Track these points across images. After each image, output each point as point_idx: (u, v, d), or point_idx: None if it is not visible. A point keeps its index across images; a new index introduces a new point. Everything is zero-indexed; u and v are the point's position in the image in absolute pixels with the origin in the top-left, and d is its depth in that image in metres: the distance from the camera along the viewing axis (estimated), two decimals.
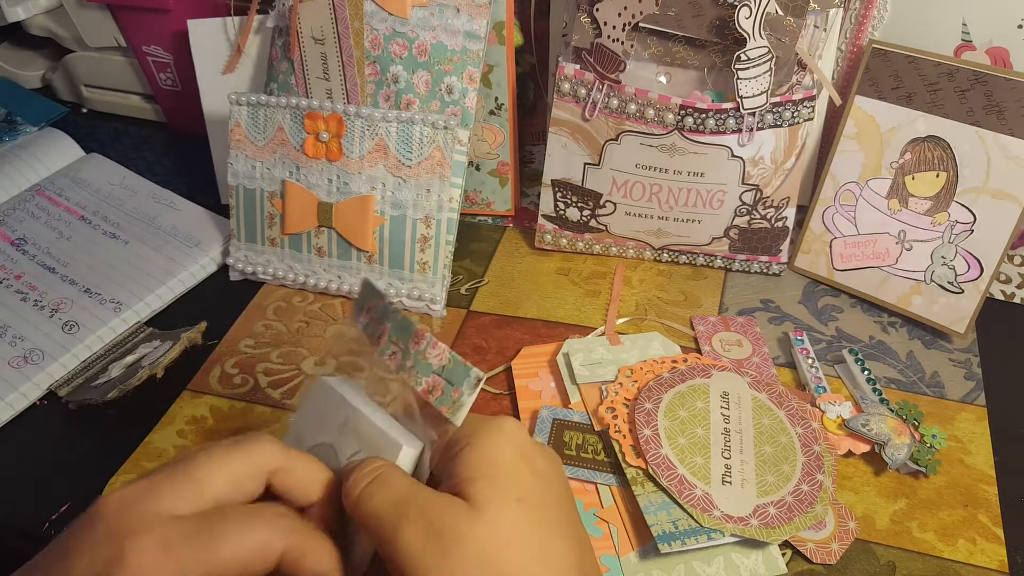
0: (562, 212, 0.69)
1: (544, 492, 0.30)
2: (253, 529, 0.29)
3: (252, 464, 0.32)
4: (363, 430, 0.37)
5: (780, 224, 0.67)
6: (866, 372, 0.59)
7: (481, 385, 0.34)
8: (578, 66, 0.63)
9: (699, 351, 0.62)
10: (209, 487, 0.30)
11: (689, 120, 0.61)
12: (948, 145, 0.61)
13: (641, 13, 0.59)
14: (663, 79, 0.65)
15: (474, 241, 0.74)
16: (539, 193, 0.69)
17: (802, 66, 0.62)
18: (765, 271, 0.70)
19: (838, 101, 0.63)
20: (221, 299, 0.69)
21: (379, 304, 0.38)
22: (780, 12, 0.58)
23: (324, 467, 0.35)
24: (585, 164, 0.66)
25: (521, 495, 0.29)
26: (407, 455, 0.35)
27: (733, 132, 0.62)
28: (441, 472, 0.32)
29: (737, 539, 0.48)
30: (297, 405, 0.41)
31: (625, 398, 0.55)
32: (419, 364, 0.36)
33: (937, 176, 0.62)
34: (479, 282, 0.70)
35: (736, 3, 0.58)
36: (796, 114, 0.62)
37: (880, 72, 0.63)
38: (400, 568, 0.28)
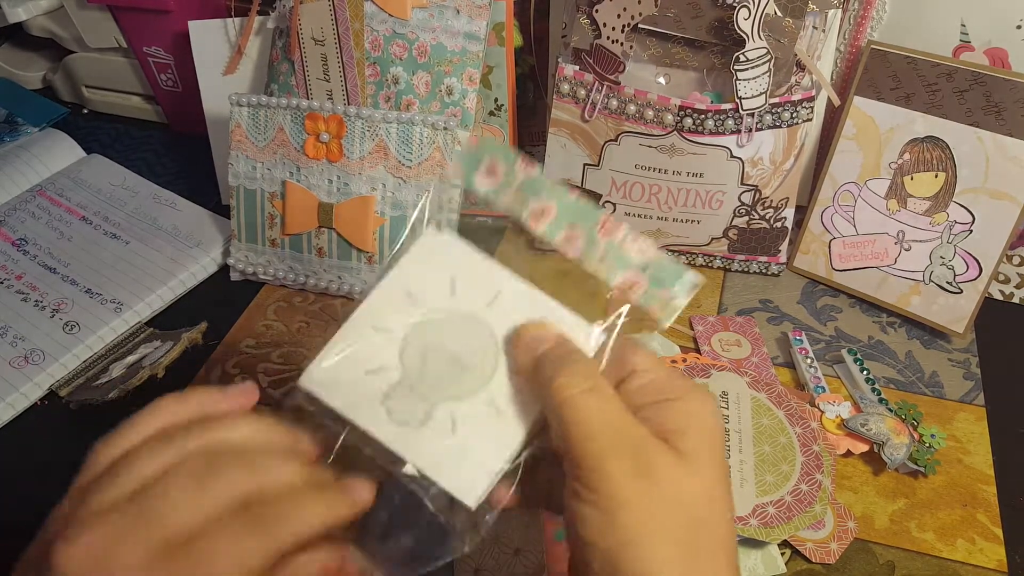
0: None
1: (725, 466, 0.30)
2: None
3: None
4: (533, 309, 0.32)
5: (779, 224, 0.67)
6: (865, 372, 0.59)
7: (697, 290, 0.31)
8: (577, 67, 0.63)
9: (698, 351, 0.62)
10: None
11: (688, 121, 0.62)
12: (947, 145, 0.61)
13: (640, 14, 0.59)
14: (662, 80, 0.65)
15: (474, 241, 0.74)
16: None
17: (801, 67, 0.62)
18: (764, 271, 0.70)
19: (837, 102, 0.63)
20: (222, 299, 0.69)
21: (513, 169, 0.33)
22: (779, 13, 0.59)
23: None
24: (585, 165, 0.66)
25: (722, 461, 0.30)
26: (594, 341, 0.32)
27: (732, 133, 0.62)
28: (638, 413, 0.30)
29: (736, 539, 0.48)
30: (401, 253, 0.34)
31: None
32: (614, 256, 0.31)
33: (936, 176, 0.62)
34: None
35: (735, 4, 0.58)
36: (795, 115, 0.62)
37: (879, 73, 0.63)
38: (597, 491, 0.28)
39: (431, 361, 0.33)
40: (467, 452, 0.32)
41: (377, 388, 0.33)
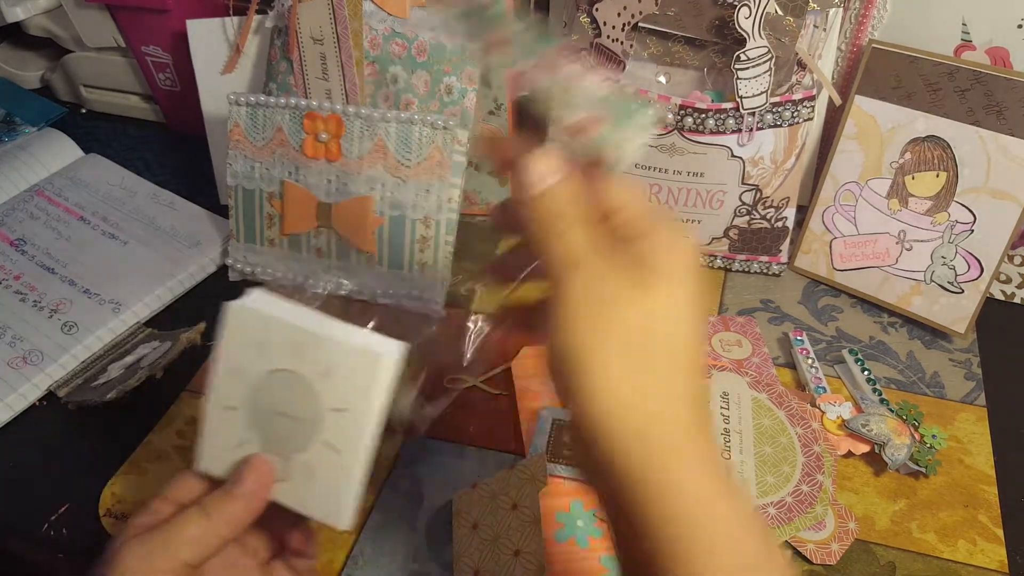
0: None
1: (700, 302, 0.31)
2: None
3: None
4: (327, 349, 0.36)
5: (780, 224, 0.67)
6: (866, 372, 0.59)
7: (657, 127, 0.30)
8: None
9: None
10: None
11: (689, 120, 0.61)
12: (948, 145, 0.61)
13: (641, 13, 0.59)
14: (663, 79, 0.64)
15: (474, 241, 0.74)
16: None
17: (802, 66, 0.62)
18: (765, 271, 0.70)
19: (838, 101, 0.63)
20: (220, 300, 0.68)
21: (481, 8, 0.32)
22: (780, 12, 0.58)
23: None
24: None
25: (692, 291, 0.30)
26: (392, 361, 0.36)
27: (733, 132, 0.62)
28: (612, 244, 0.31)
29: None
30: (218, 338, 0.38)
31: None
32: (560, 94, 0.31)
33: (937, 176, 0.62)
34: (479, 282, 0.70)
35: (736, 3, 0.58)
36: (796, 114, 0.62)
37: (880, 72, 0.63)
38: (555, 311, 0.30)
39: (271, 423, 0.38)
40: (327, 491, 0.38)
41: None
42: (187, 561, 0.36)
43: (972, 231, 0.61)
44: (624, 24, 0.60)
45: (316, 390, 0.37)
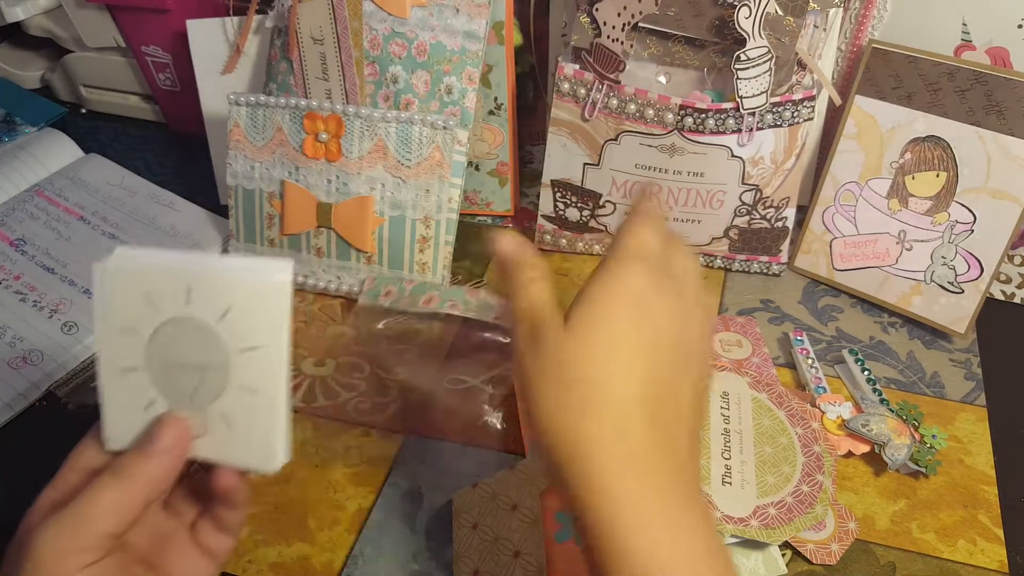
0: (562, 212, 0.69)
1: (650, 339, 0.33)
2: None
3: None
4: (218, 286, 0.34)
5: (780, 224, 0.67)
6: (866, 372, 0.59)
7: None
8: (578, 66, 0.62)
9: None
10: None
11: (689, 120, 0.61)
12: (948, 145, 0.61)
13: (641, 13, 0.59)
14: (663, 79, 0.64)
15: (473, 241, 0.74)
16: (539, 193, 0.69)
17: (802, 66, 0.62)
18: (765, 271, 0.70)
19: (838, 101, 0.63)
20: None
21: (402, 287, 0.39)
22: (780, 12, 0.58)
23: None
24: (585, 164, 0.66)
25: (616, 331, 0.33)
26: (286, 281, 0.34)
27: (733, 132, 0.62)
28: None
29: (737, 540, 0.48)
30: (96, 302, 0.35)
31: None
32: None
33: (937, 176, 0.62)
34: (479, 282, 0.70)
35: (736, 3, 0.58)
36: (796, 114, 0.62)
37: (880, 72, 0.63)
38: (514, 353, 0.35)
39: (176, 377, 0.36)
40: (251, 435, 0.36)
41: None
42: (108, 532, 0.33)
43: (972, 231, 0.61)
44: (624, 24, 0.60)
45: (217, 332, 0.35)
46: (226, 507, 0.38)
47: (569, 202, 0.68)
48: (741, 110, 0.61)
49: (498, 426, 0.57)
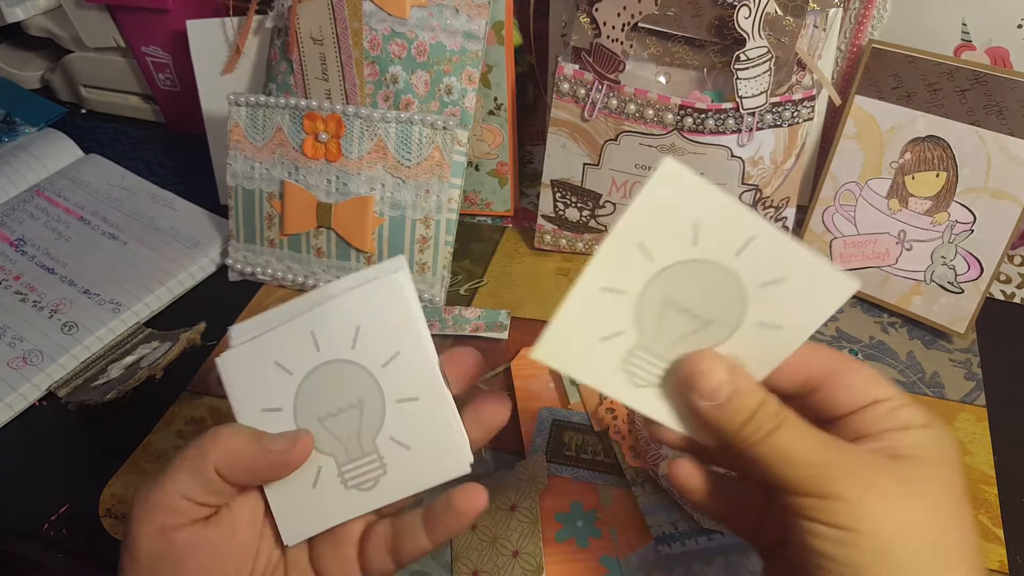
0: (561, 212, 0.69)
1: (965, 513, 0.29)
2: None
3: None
4: (782, 254, 0.29)
5: (780, 224, 0.67)
6: None
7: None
8: (577, 66, 0.62)
9: None
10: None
11: (688, 120, 0.61)
12: (948, 145, 0.61)
13: (640, 13, 0.59)
14: (662, 79, 0.64)
15: (473, 241, 0.74)
16: (538, 193, 0.69)
17: (802, 66, 0.62)
18: None
19: (838, 101, 0.63)
20: (220, 300, 0.69)
21: None
22: (780, 12, 0.58)
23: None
24: (584, 164, 0.66)
25: (953, 491, 0.28)
26: (404, 277, 0.32)
27: (732, 132, 0.62)
28: (869, 438, 0.30)
29: (737, 540, 0.48)
30: (634, 198, 0.30)
31: None
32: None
33: (937, 176, 0.62)
34: (478, 283, 0.70)
35: (736, 3, 0.58)
36: (796, 114, 0.62)
37: (880, 72, 0.62)
38: (832, 513, 0.28)
39: (670, 319, 0.31)
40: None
41: (614, 354, 0.32)
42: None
43: (972, 231, 0.61)
44: (624, 24, 0.60)
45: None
46: (458, 524, 0.35)
47: (569, 202, 0.68)
48: (741, 110, 0.61)
49: None
